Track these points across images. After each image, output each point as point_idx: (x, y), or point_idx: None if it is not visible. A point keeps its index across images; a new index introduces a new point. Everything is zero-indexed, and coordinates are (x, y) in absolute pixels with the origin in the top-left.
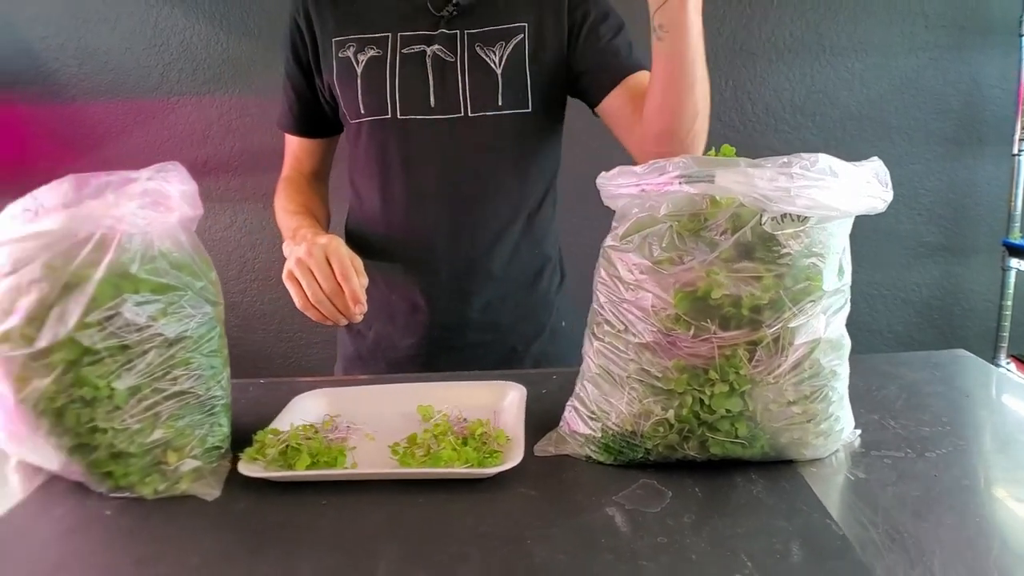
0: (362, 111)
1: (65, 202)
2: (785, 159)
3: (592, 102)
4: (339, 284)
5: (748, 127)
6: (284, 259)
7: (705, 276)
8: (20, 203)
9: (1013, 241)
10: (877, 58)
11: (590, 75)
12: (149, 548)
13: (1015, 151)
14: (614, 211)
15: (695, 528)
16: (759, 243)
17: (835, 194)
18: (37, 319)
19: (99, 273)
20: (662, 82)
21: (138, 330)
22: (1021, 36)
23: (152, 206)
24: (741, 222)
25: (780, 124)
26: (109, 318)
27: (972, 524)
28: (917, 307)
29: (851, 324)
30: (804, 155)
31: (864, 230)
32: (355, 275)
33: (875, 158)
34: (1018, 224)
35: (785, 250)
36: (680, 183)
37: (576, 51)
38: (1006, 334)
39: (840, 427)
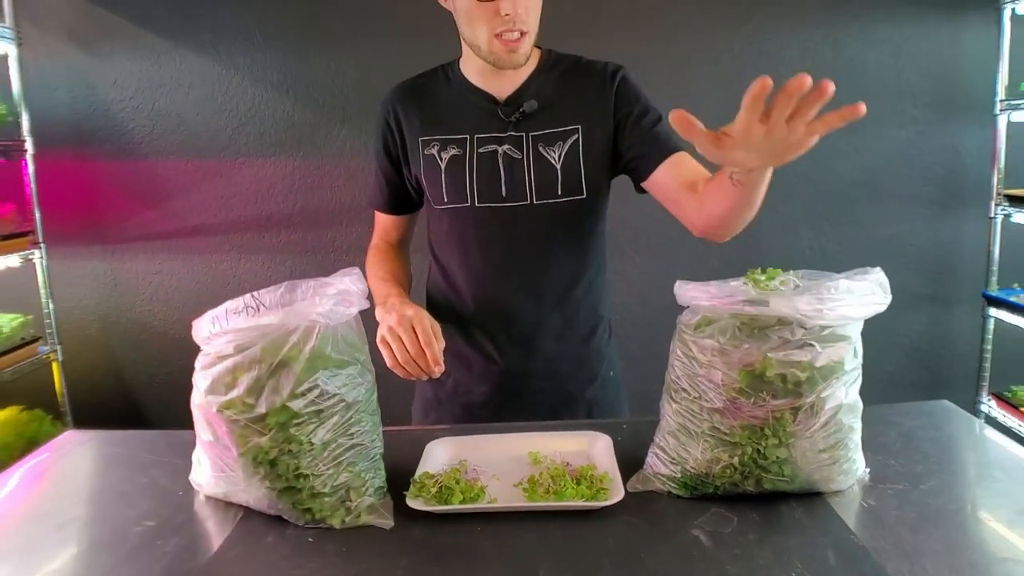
0: (445, 200)
1: (282, 302)
2: (817, 285)
3: (640, 178)
4: (422, 349)
5: None
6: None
7: (761, 360)
8: (241, 300)
9: (991, 293)
10: (871, 132)
11: (638, 159)
12: (361, 565)
13: (991, 214)
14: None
15: (759, 543)
16: (800, 337)
17: (851, 307)
18: (255, 391)
19: (304, 356)
20: (727, 203)
21: (329, 397)
22: (995, 114)
23: (342, 303)
24: (786, 324)
25: (786, 191)
26: (310, 389)
27: (954, 537)
28: (907, 351)
29: None
30: (830, 282)
31: None
32: (435, 341)
33: (878, 269)
34: (995, 277)
35: (820, 343)
36: (743, 306)
37: (624, 141)
38: (987, 375)
39: (856, 467)
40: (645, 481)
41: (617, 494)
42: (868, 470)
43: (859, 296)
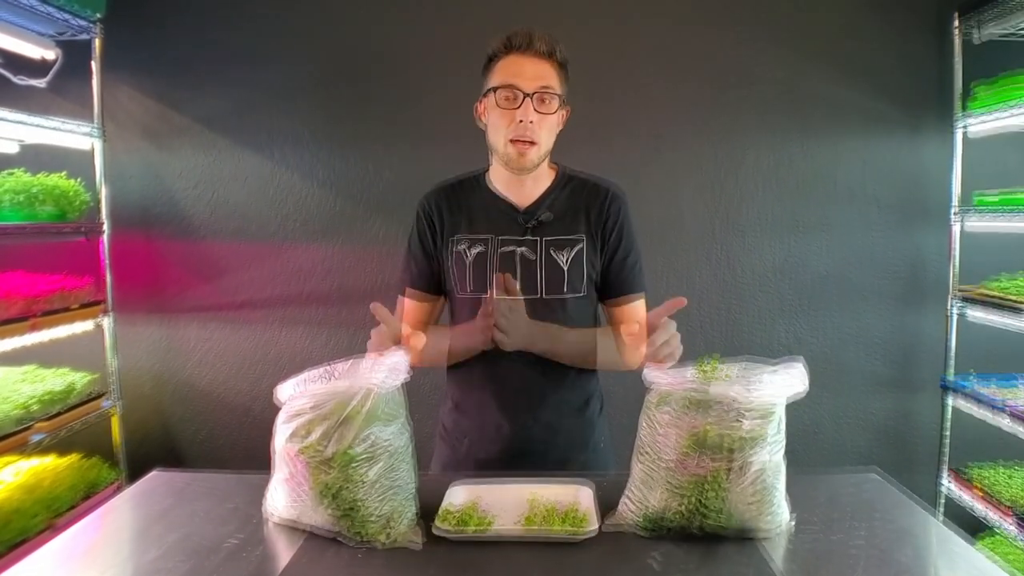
0: (470, 289)
1: (349, 371)
2: (747, 374)
3: (601, 301)
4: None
5: (739, 285)
6: None
7: (703, 429)
8: (319, 369)
9: (948, 381)
10: (840, 233)
11: (605, 288)
12: (402, 572)
13: (948, 310)
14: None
15: (696, 568)
16: (733, 413)
17: (774, 392)
18: (325, 439)
19: (363, 413)
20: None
21: (380, 445)
22: (950, 221)
23: (392, 374)
24: (722, 402)
25: (764, 284)
26: (366, 438)
27: (846, 565)
28: (876, 429)
29: (824, 442)
30: (758, 372)
31: (833, 368)
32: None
33: (801, 361)
34: (952, 367)
35: (747, 418)
36: (690, 388)
37: (604, 264)
38: (947, 454)
39: (780, 515)
40: (617, 521)
41: (594, 529)
42: (794, 519)
43: (779, 384)
